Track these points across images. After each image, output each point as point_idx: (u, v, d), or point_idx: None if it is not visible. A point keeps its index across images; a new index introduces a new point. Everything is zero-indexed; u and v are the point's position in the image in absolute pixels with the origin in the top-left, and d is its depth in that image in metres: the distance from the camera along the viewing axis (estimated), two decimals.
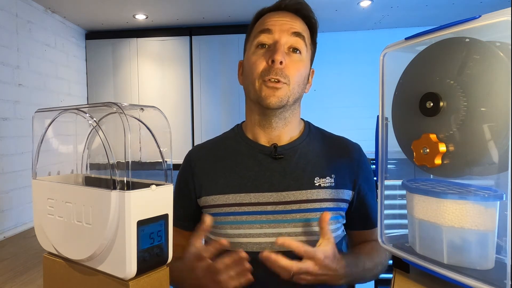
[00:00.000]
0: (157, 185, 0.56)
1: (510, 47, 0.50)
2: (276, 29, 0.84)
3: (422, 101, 0.62)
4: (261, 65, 0.83)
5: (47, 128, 0.66)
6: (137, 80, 2.86)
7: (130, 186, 0.52)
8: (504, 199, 0.55)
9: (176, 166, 0.96)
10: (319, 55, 0.95)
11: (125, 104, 0.55)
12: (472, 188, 0.62)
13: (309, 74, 0.91)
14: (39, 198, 0.64)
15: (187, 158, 0.96)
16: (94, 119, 0.59)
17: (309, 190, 0.85)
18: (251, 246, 0.83)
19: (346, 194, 0.88)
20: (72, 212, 0.57)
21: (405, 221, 0.72)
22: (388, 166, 0.76)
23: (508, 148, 0.49)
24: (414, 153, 0.64)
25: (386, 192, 0.77)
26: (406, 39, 0.67)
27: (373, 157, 0.83)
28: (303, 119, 0.97)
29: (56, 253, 0.62)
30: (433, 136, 0.60)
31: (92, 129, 0.64)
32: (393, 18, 2.75)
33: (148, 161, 0.60)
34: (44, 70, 2.28)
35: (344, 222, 0.92)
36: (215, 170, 0.90)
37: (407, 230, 0.72)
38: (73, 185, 0.60)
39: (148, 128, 0.59)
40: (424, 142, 0.62)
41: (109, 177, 0.53)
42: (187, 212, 0.91)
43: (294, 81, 0.84)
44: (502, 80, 0.52)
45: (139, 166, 0.58)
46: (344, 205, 0.88)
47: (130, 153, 0.52)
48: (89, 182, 0.67)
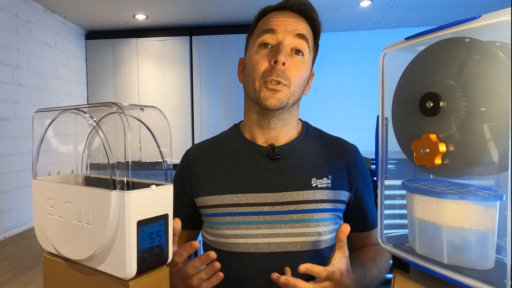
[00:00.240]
0: (157, 185, 0.56)
1: (510, 47, 0.50)
2: (280, 30, 0.83)
3: (422, 101, 0.62)
4: (263, 65, 0.82)
5: (47, 128, 0.66)
6: (137, 80, 2.86)
7: (130, 186, 0.52)
8: (504, 199, 0.55)
9: (176, 166, 0.96)
10: (319, 55, 0.95)
11: (125, 104, 0.55)
12: (472, 188, 0.62)
13: (310, 76, 0.91)
14: (39, 198, 0.64)
15: (185, 158, 0.96)
16: (94, 119, 0.59)
17: (306, 191, 0.84)
18: (248, 247, 0.83)
19: (343, 195, 0.88)
20: (72, 212, 0.57)
21: (405, 221, 0.72)
22: (388, 166, 0.76)
23: (508, 148, 0.49)
24: (414, 153, 0.64)
25: (386, 192, 0.77)
26: (406, 39, 0.67)
27: (373, 157, 0.83)
28: (301, 119, 0.97)
29: (56, 253, 0.62)
30: (433, 136, 0.60)
31: (92, 129, 0.64)
32: (393, 18, 2.75)
33: (148, 161, 0.60)
34: (44, 70, 2.28)
35: (342, 224, 0.91)
36: (213, 170, 0.89)
37: (407, 230, 0.72)
38: (73, 185, 0.60)
39: (148, 128, 0.59)
40: (424, 142, 0.62)
41: (109, 177, 0.53)
42: (184, 212, 0.90)
43: (295, 84, 0.83)
44: (502, 80, 0.52)
45: (139, 166, 0.58)
46: (341, 206, 0.88)
47: (130, 153, 0.52)
48: (89, 182, 0.67)
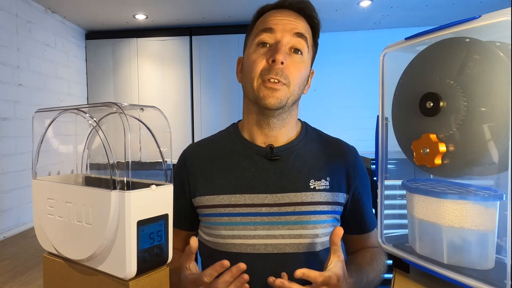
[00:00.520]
0: (157, 185, 0.56)
1: (510, 47, 0.50)
2: (279, 29, 0.82)
3: (422, 101, 0.62)
4: (261, 64, 0.82)
5: (47, 128, 0.66)
6: (137, 80, 2.86)
7: (130, 186, 0.52)
8: (504, 199, 0.55)
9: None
10: (319, 55, 0.95)
11: (125, 104, 0.55)
12: (472, 188, 0.62)
13: (309, 75, 0.91)
14: (39, 198, 0.64)
15: (182, 157, 0.95)
16: (94, 119, 0.59)
17: (304, 193, 0.84)
18: (245, 248, 0.82)
19: (341, 197, 0.87)
20: (72, 212, 0.57)
21: (405, 221, 0.72)
22: (388, 166, 0.76)
23: (508, 148, 0.49)
24: (414, 153, 0.64)
25: (386, 192, 0.77)
26: (406, 39, 0.67)
27: (373, 157, 0.83)
28: (300, 120, 0.96)
29: (56, 253, 0.62)
30: (433, 136, 0.60)
31: (92, 129, 0.64)
32: (393, 18, 2.75)
33: (148, 161, 0.60)
34: (44, 70, 2.28)
35: (339, 226, 0.91)
36: (211, 170, 0.89)
37: (407, 230, 0.72)
38: (73, 185, 0.60)
39: (148, 128, 0.59)
40: (424, 142, 0.62)
41: (109, 177, 0.53)
42: (182, 212, 0.90)
43: (295, 83, 0.83)
44: (502, 80, 0.52)
45: (139, 166, 0.58)
46: (339, 208, 0.88)
47: (130, 153, 0.52)
48: (89, 182, 0.67)
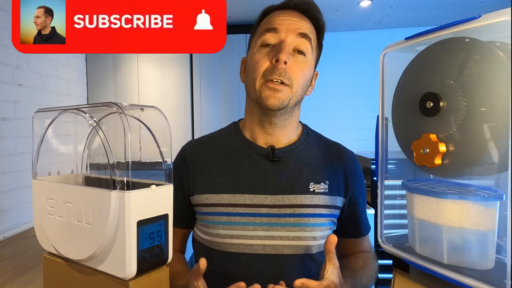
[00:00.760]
0: (157, 185, 0.56)
1: (510, 47, 0.50)
2: (283, 29, 0.82)
3: (422, 101, 0.62)
4: (265, 64, 0.81)
5: (47, 128, 0.66)
6: (137, 80, 2.86)
7: (130, 186, 0.52)
8: (504, 199, 0.55)
9: None
10: None
11: (125, 104, 0.55)
12: (472, 188, 0.62)
13: (313, 77, 0.90)
14: (39, 198, 0.64)
15: (182, 154, 0.94)
16: (94, 119, 0.59)
17: (304, 195, 0.84)
18: (243, 248, 0.82)
19: (339, 201, 0.88)
20: (72, 212, 0.57)
21: (405, 221, 0.72)
22: (388, 166, 0.76)
23: (508, 148, 0.49)
24: (414, 153, 0.64)
25: (386, 192, 0.77)
26: (406, 39, 0.67)
27: (373, 157, 0.83)
28: (301, 122, 0.96)
29: (56, 253, 0.62)
30: (433, 136, 0.60)
31: (92, 129, 0.64)
32: (393, 18, 2.75)
33: (148, 161, 0.60)
34: (44, 70, 2.28)
35: (335, 229, 0.91)
36: (210, 168, 0.88)
37: (407, 230, 0.72)
38: (73, 185, 0.60)
39: (148, 128, 0.59)
40: (424, 142, 0.62)
41: (109, 177, 0.53)
42: (180, 210, 0.89)
43: (298, 84, 0.82)
44: (502, 80, 0.52)
45: (139, 166, 0.58)
46: (337, 212, 0.88)
47: (130, 153, 0.52)
48: (89, 182, 0.67)
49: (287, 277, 0.81)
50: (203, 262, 0.68)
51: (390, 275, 0.75)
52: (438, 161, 0.59)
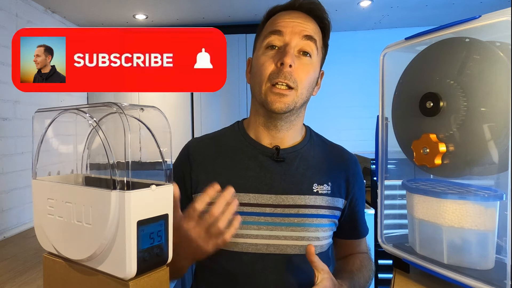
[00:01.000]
0: (157, 185, 0.56)
1: (510, 47, 0.50)
2: (287, 31, 0.82)
3: (422, 101, 0.62)
4: (270, 67, 0.81)
5: (47, 128, 0.66)
6: None
7: (130, 186, 0.52)
8: (504, 199, 0.55)
9: None
10: None
11: (125, 104, 0.55)
12: (472, 188, 0.62)
13: (318, 77, 0.90)
14: (39, 198, 0.64)
15: (186, 151, 0.93)
16: (94, 119, 0.59)
17: (308, 196, 0.84)
18: (247, 247, 0.82)
19: (340, 203, 0.89)
20: (72, 212, 0.57)
21: (405, 221, 0.72)
22: (388, 166, 0.76)
23: (508, 148, 0.49)
24: (414, 153, 0.64)
25: (386, 192, 0.77)
26: (406, 39, 0.68)
27: (373, 157, 0.83)
28: (305, 124, 0.96)
29: (56, 253, 0.62)
30: (433, 136, 0.60)
31: (92, 129, 0.64)
32: (393, 18, 2.75)
33: (148, 161, 0.60)
34: None
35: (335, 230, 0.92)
36: (214, 167, 0.88)
37: (407, 230, 0.72)
38: (73, 185, 0.60)
39: (148, 128, 0.59)
40: (424, 142, 0.62)
41: (109, 177, 0.53)
42: (182, 208, 0.89)
43: (303, 86, 0.82)
44: (502, 80, 0.52)
45: (139, 166, 0.58)
46: (338, 213, 0.89)
47: (130, 153, 0.52)
48: (89, 182, 0.67)
49: (289, 277, 0.81)
50: (176, 187, 0.64)
51: (390, 275, 0.75)
52: (438, 161, 0.59)
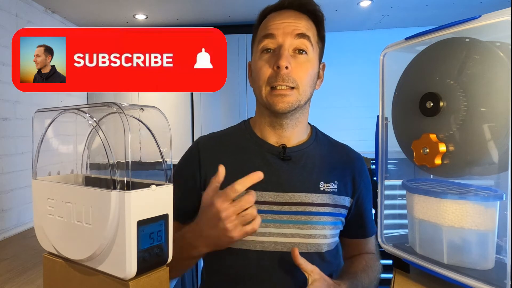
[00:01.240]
0: (157, 185, 0.56)
1: (510, 47, 0.50)
2: (279, 33, 0.82)
3: (422, 101, 0.62)
4: (267, 71, 0.82)
5: (47, 128, 0.66)
6: None
7: (130, 186, 0.52)
8: (504, 199, 0.55)
9: (176, 166, 0.95)
10: None
11: (125, 104, 0.55)
12: (472, 188, 0.62)
13: (319, 71, 0.90)
14: (39, 198, 0.64)
15: (196, 148, 0.92)
16: (94, 119, 0.59)
17: (314, 194, 0.85)
18: (254, 245, 0.83)
19: (347, 201, 0.89)
20: (72, 212, 0.57)
21: (405, 221, 0.72)
22: (388, 166, 0.76)
23: (508, 148, 0.49)
24: (414, 153, 0.64)
25: (386, 192, 0.77)
26: (406, 39, 0.68)
27: (373, 157, 0.83)
28: (310, 124, 0.97)
29: (56, 253, 0.62)
30: (433, 136, 0.60)
31: (92, 129, 0.64)
32: (393, 18, 2.75)
33: (148, 161, 0.60)
34: None
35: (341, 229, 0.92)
36: (223, 164, 0.88)
37: (407, 230, 0.72)
38: (73, 185, 0.60)
39: (148, 128, 0.59)
40: (424, 142, 0.62)
41: (109, 177, 0.53)
42: (190, 205, 0.87)
43: (304, 84, 0.82)
44: (502, 80, 0.52)
45: (139, 166, 0.58)
46: (344, 212, 0.89)
47: (130, 153, 0.52)
48: (89, 182, 0.67)
49: (296, 275, 0.81)
50: (222, 168, 0.72)
51: (390, 275, 0.75)
52: (438, 161, 0.59)
